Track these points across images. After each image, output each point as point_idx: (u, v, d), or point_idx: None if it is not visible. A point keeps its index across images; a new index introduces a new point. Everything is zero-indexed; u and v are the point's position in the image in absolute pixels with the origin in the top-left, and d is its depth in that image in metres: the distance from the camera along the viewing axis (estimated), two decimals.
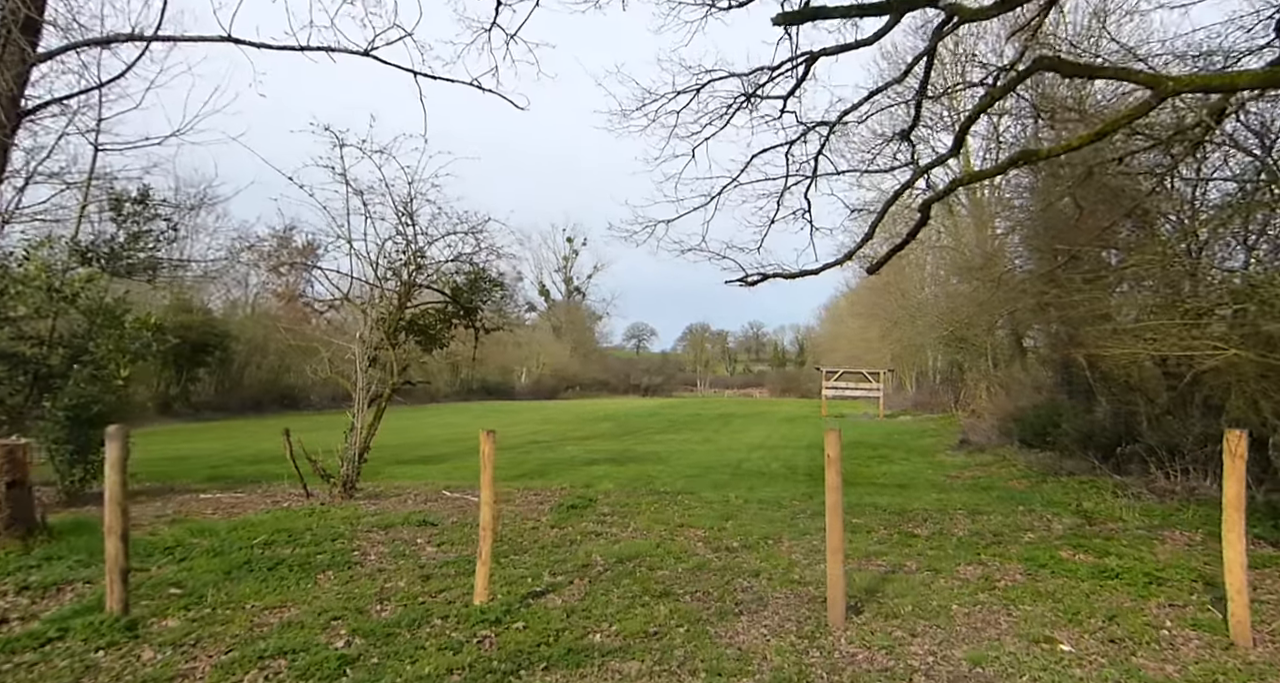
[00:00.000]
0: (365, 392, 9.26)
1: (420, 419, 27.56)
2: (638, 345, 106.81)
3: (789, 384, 78.38)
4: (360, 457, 9.11)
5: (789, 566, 6.14)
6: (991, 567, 6.02)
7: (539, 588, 5.46)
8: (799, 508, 8.88)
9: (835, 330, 68.23)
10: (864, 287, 46.12)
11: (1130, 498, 8.57)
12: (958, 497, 9.70)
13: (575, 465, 13.54)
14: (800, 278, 8.04)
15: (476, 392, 57.57)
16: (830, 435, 4.80)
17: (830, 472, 4.78)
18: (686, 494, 9.86)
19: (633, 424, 25.29)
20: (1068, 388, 13.95)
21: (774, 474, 12.19)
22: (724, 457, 14.92)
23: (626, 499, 9.39)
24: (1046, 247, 13.31)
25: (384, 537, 7.06)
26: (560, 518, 8.08)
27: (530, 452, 16.14)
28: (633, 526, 7.74)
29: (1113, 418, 11.42)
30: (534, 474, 12.24)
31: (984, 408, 22.92)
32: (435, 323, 10.49)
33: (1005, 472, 11.64)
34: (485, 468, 5.03)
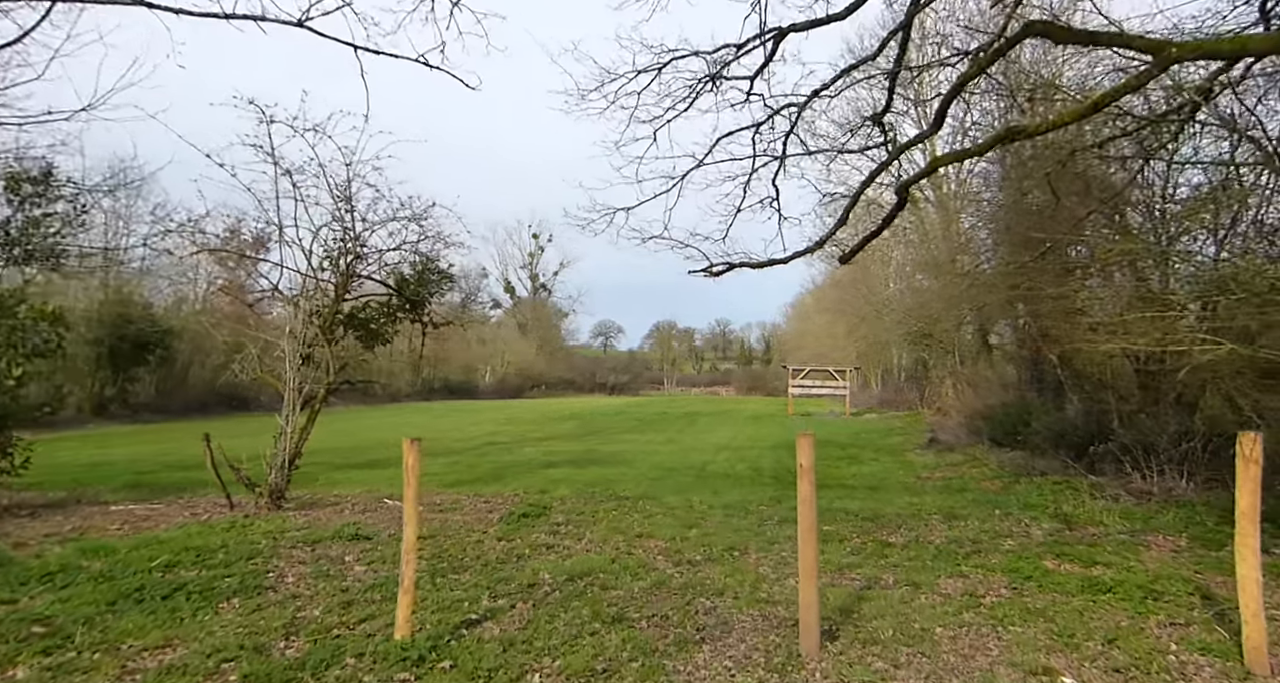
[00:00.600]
0: (297, 392, 8.49)
1: (376, 420, 26.60)
2: (605, 343, 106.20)
3: (755, 382, 78.36)
4: (290, 463, 8.35)
5: (756, 581, 5.58)
6: (974, 579, 5.52)
7: (475, 615, 4.82)
8: (766, 514, 8.35)
9: (801, 328, 68.40)
10: (830, 284, 46.08)
11: (1108, 500, 8.19)
12: (931, 499, 9.25)
13: (533, 468, 12.88)
14: (768, 268, 7.49)
15: (439, 390, 56.45)
16: (802, 440, 4.24)
17: (803, 482, 4.22)
18: (648, 499, 9.28)
19: (597, 424, 24.66)
20: (1037, 385, 13.66)
21: (740, 477, 11.66)
22: (689, 458, 14.38)
23: (583, 506, 8.77)
24: (1016, 240, 12.98)
25: (308, 554, 6.34)
26: (509, 529, 7.43)
27: (487, 454, 15.43)
28: (588, 536, 7.12)
29: (1084, 416, 11.10)
30: (488, 478, 11.55)
31: (951, 405, 22.74)
32: (378, 317, 9.76)
33: (977, 472, 11.26)
34: (409, 481, 4.36)
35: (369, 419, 26.93)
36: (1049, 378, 13.45)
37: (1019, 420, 12.91)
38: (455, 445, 17.13)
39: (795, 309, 75.83)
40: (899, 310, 26.94)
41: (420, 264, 10.06)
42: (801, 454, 4.21)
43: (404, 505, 4.38)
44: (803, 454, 4.21)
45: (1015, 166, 14.24)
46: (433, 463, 13.71)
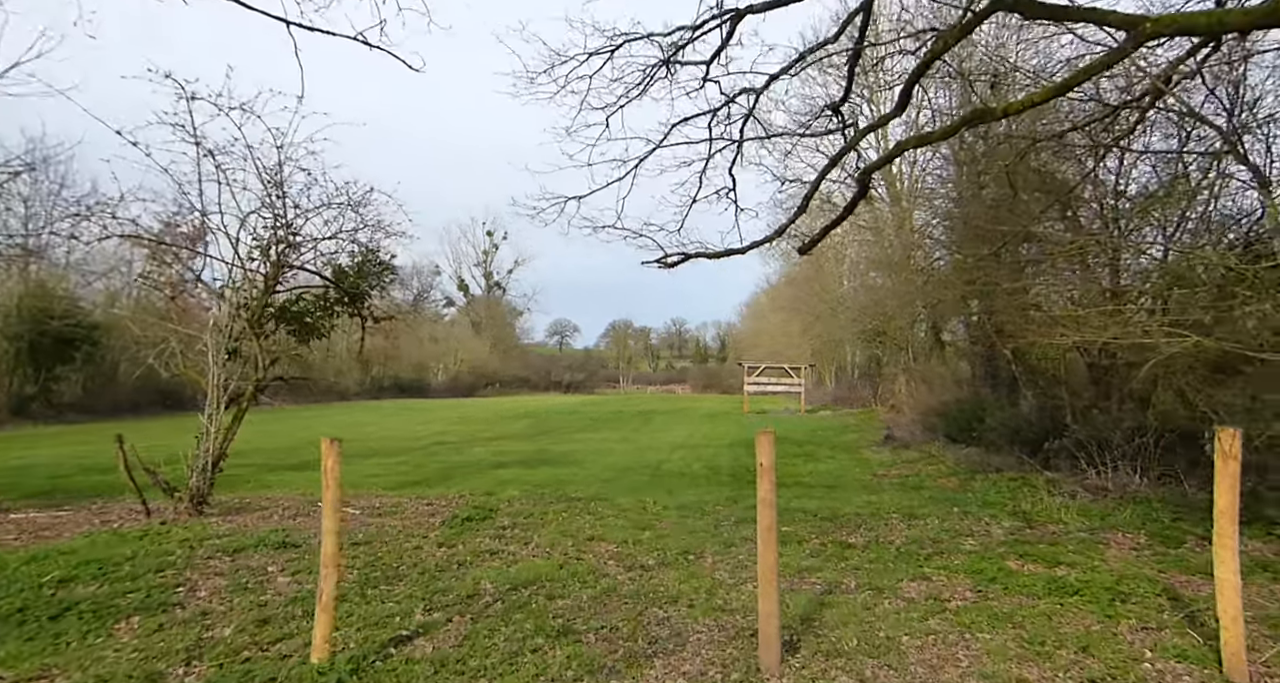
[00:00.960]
0: (222, 390, 7.90)
1: (320, 419, 25.68)
2: (560, 342, 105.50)
3: (711, 380, 78.49)
4: (214, 466, 7.76)
5: (713, 587, 5.26)
6: (937, 583, 5.28)
7: (406, 631, 4.39)
8: (723, 514, 8.05)
9: (756, 327, 68.73)
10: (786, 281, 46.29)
11: (1065, 497, 8.09)
12: (889, 498, 9.07)
13: (482, 469, 12.40)
14: (725, 257, 7.18)
15: (388, 389, 55.19)
16: (763, 439, 3.92)
17: (763, 482, 3.90)
18: (600, 501, 8.90)
19: (550, 423, 24.19)
20: (991, 382, 13.67)
21: (696, 476, 11.37)
22: (644, 457, 14.04)
23: (532, 508, 8.36)
24: (971, 236, 12.95)
25: (227, 565, 5.82)
26: (451, 534, 6.98)
27: (435, 454, 14.87)
28: (535, 541, 6.72)
29: (1038, 412, 11.08)
30: (433, 480, 11.05)
31: (905, 403, 22.85)
32: (313, 310, 9.18)
33: (934, 469, 11.15)
34: (327, 486, 3.92)
35: (312, 419, 25.98)
36: (1003, 374, 13.47)
37: (973, 417, 12.89)
38: (402, 445, 16.52)
39: (750, 308, 76.27)
40: (853, 308, 27.06)
41: (360, 254, 9.51)
42: (762, 453, 3.90)
43: (323, 515, 3.92)
44: (763, 453, 3.89)
45: (969, 162, 14.27)
46: (376, 464, 13.14)
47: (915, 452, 13.07)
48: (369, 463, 13.31)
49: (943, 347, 21.48)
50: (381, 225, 8.97)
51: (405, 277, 75.26)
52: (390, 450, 15.51)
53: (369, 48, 8.40)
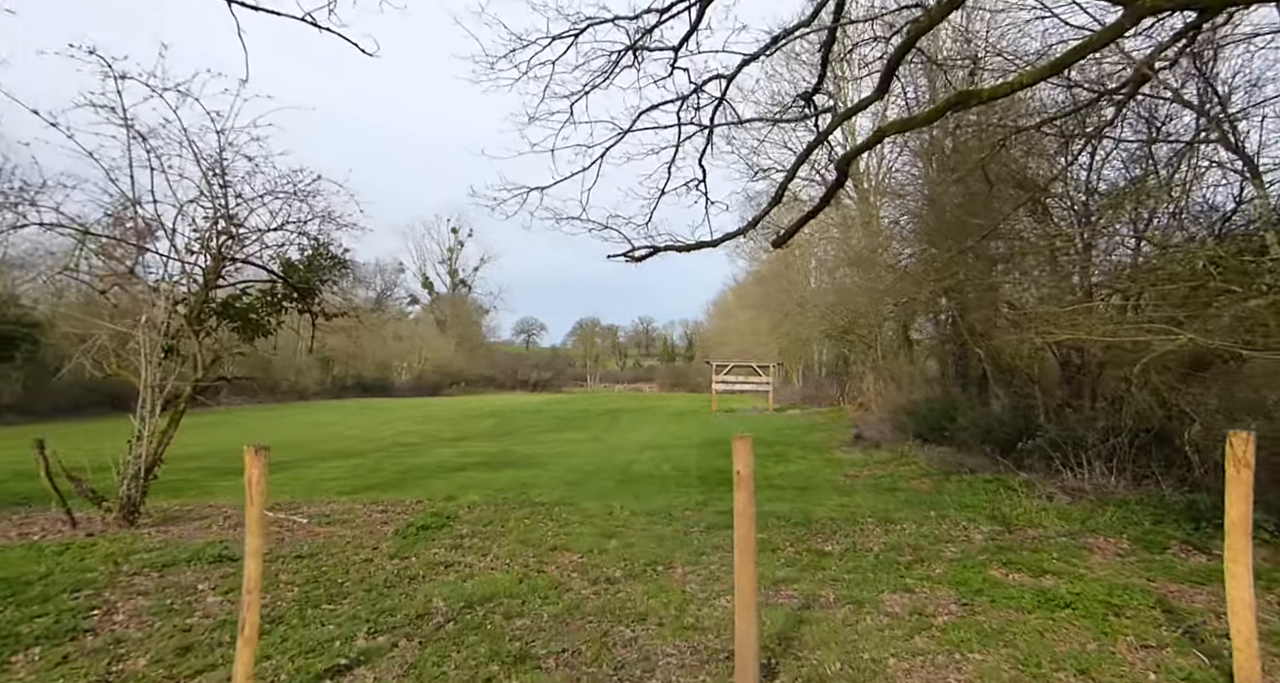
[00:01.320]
0: (158, 390, 7.35)
1: (278, 420, 24.87)
2: (527, 340, 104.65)
3: (678, 379, 78.31)
4: (148, 473, 7.21)
5: (683, 603, 4.91)
6: (921, 595, 5.00)
7: (346, 659, 3.97)
8: (692, 520, 7.71)
9: (724, 325, 68.78)
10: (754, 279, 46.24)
11: (1043, 499, 7.90)
12: (863, 500, 8.82)
13: (442, 472, 11.92)
14: (696, 250, 6.84)
15: (351, 388, 54.12)
16: (740, 444, 3.59)
17: (740, 492, 3.58)
18: (564, 506, 8.51)
19: (516, 422, 23.69)
20: (962, 380, 13.56)
21: (664, 478, 11.02)
22: (611, 458, 13.67)
23: (493, 515, 7.94)
24: (944, 233, 12.81)
25: (154, 583, 5.32)
26: (405, 544, 6.54)
27: (394, 456, 14.33)
28: (495, 551, 6.31)
29: (1011, 412, 10.94)
30: (390, 484, 10.55)
31: (872, 401, 22.79)
32: (259, 306, 8.65)
33: (906, 470, 10.95)
34: (251, 500, 3.47)
35: (271, 420, 25.17)
36: (974, 373, 13.36)
37: (944, 416, 12.74)
38: (362, 446, 15.93)
39: (717, 306, 76.34)
40: (821, 305, 26.97)
41: (311, 248, 9.00)
42: (739, 460, 3.56)
43: (248, 533, 3.48)
44: (740, 460, 3.56)
45: (938, 156, 14.13)
46: (332, 467, 12.58)
47: (887, 452, 12.88)
48: (325, 466, 12.75)
49: (911, 345, 21.45)
50: (332, 216, 8.46)
51: (368, 274, 74.08)
52: (349, 452, 14.94)
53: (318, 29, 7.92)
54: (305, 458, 13.84)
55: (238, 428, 21.17)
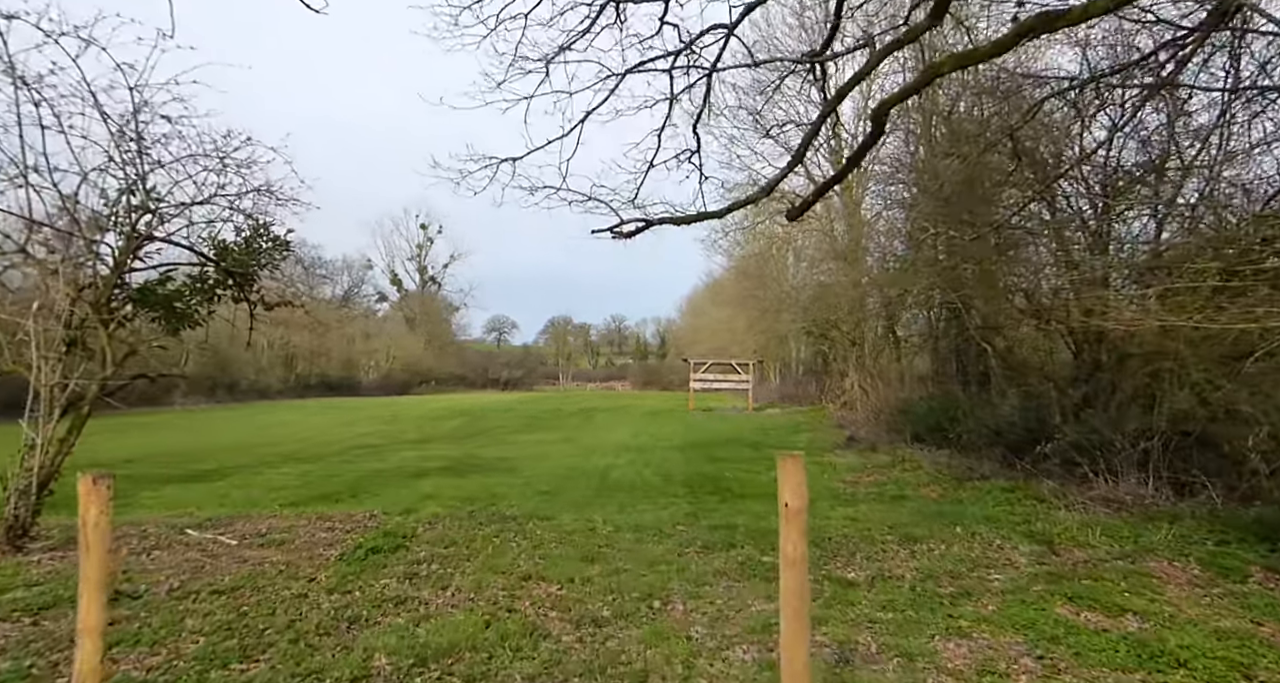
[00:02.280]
0: (58, 390, 6.20)
1: (234, 421, 23.46)
2: (499, 338, 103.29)
3: (651, 377, 77.66)
4: (42, 489, 6.06)
5: (690, 655, 3.94)
6: (980, 642, 4.08)
7: None
8: (685, 536, 6.75)
9: (697, 323, 68.28)
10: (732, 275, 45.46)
11: (1078, 511, 7.08)
12: (872, 512, 7.93)
13: (402, 479, 10.84)
14: (697, 222, 5.89)
15: (315, 387, 52.35)
16: (789, 466, 2.64)
17: (789, 530, 2.63)
18: (538, 520, 7.49)
19: (485, 423, 22.56)
20: (962, 378, 12.77)
21: (648, 486, 10.06)
22: (588, 462, 12.67)
23: (456, 532, 6.91)
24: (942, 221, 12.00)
25: (20, 634, 4.22)
26: (349, 572, 5.49)
27: (352, 460, 13.19)
28: (456, 582, 5.30)
29: (1022, 412, 10.14)
30: (344, 494, 9.46)
31: (858, 399, 22.05)
32: (186, 293, 7.50)
33: (911, 477, 10.11)
34: (87, 548, 2.43)
35: (226, 420, 23.76)
36: (974, 370, 12.58)
37: (945, 417, 11.94)
38: (319, 449, 14.74)
39: (691, 303, 75.83)
40: (803, 301, 26.19)
41: (252, 227, 7.88)
42: (787, 487, 2.61)
43: (80, 602, 2.44)
44: (789, 487, 2.61)
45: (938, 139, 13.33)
46: (283, 474, 11.43)
47: (884, 455, 12.05)
48: (274, 473, 11.58)
49: (897, 342, 20.71)
50: (270, 190, 7.34)
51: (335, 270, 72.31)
52: (303, 455, 13.76)
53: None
54: (253, 463, 12.64)
55: (185, 430, 19.79)
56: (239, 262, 7.78)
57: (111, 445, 15.34)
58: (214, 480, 10.77)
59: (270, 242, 8.02)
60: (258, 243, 7.95)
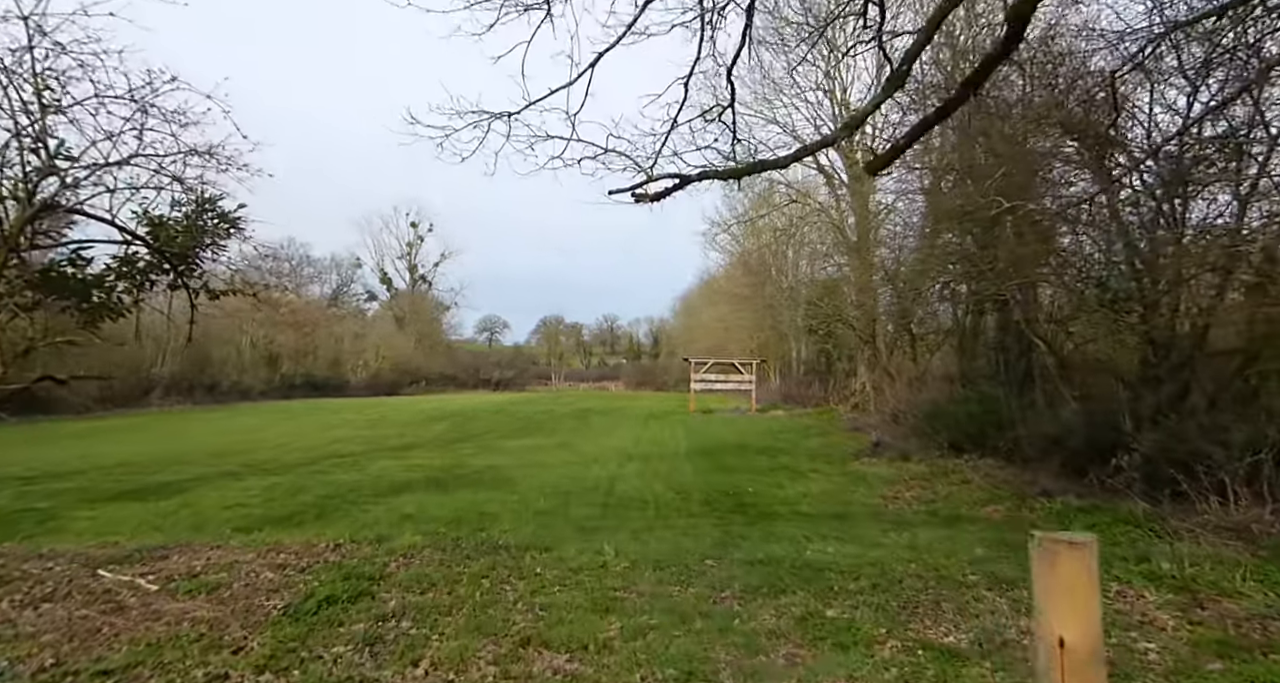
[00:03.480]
0: None
1: (207, 424, 22.04)
2: (490, 338, 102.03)
3: (645, 377, 76.55)
4: None
5: None
6: None
7: None
8: (719, 576, 5.48)
9: (691, 322, 67.32)
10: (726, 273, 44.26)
11: (1189, 541, 5.84)
12: (933, 539, 6.69)
13: (379, 495, 9.54)
14: (748, 176, 4.60)
15: (300, 388, 50.76)
16: (1066, 560, 1.33)
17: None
18: (537, 552, 6.21)
19: (475, 425, 21.22)
20: (1004, 377, 11.54)
21: (660, 504, 8.79)
22: (589, 473, 11.38)
23: (436, 570, 5.62)
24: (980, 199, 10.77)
25: None
26: (290, 636, 4.20)
27: (325, 471, 11.85)
28: (433, 651, 4.01)
29: (1084, 417, 8.91)
30: (307, 515, 8.17)
31: (871, 401, 20.85)
32: (109, 278, 6.19)
33: (961, 493, 8.87)
34: None
35: (197, 423, 22.33)
36: (1017, 368, 11.35)
37: (987, 422, 10.72)
38: (289, 458, 13.39)
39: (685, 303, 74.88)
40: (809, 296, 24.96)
41: (196, 201, 6.57)
42: (1069, 609, 1.31)
43: None
44: (1076, 611, 1.30)
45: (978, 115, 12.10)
46: (244, 489, 10.11)
47: (920, 465, 10.81)
48: (235, 487, 10.25)
49: (913, 339, 19.49)
50: (212, 152, 6.02)
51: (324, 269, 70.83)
52: (273, 465, 12.41)
53: None
54: (214, 475, 11.30)
55: (154, 435, 18.38)
56: (177, 241, 6.46)
57: (64, 454, 13.97)
58: (164, 497, 9.43)
59: (215, 217, 6.72)
60: (202, 220, 6.64)
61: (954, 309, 15.24)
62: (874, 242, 19.26)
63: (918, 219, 18.23)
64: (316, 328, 56.38)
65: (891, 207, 20.80)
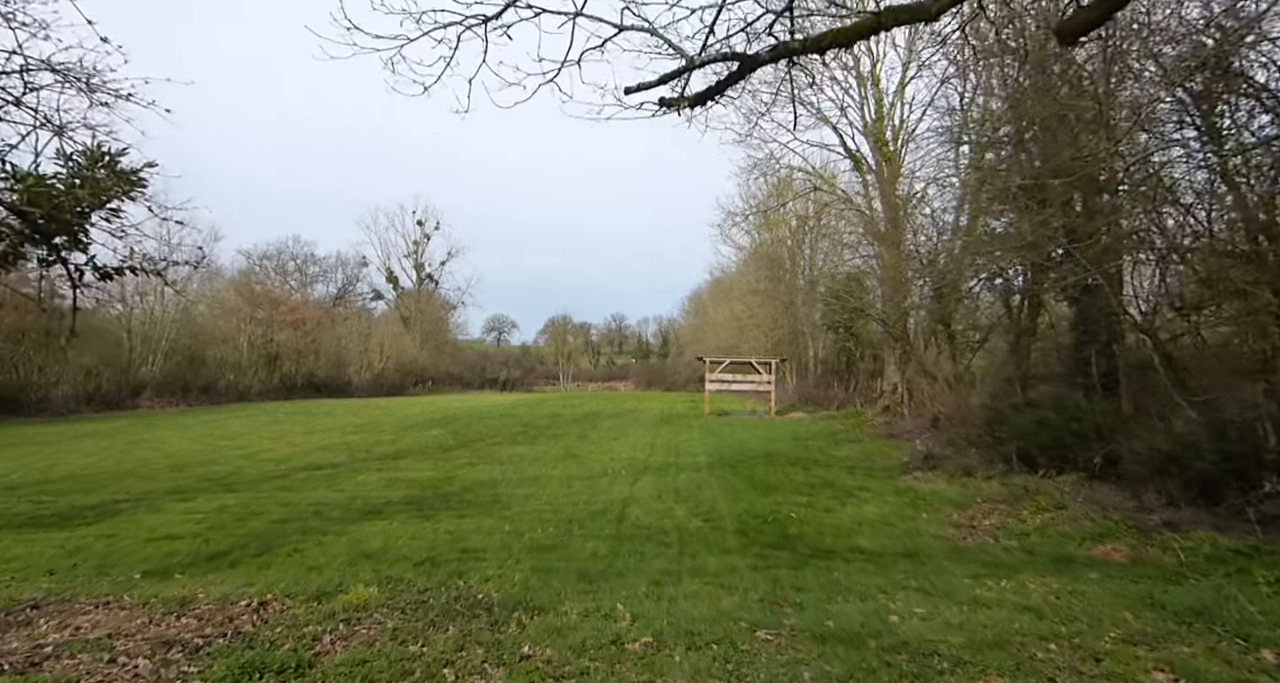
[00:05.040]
0: None
1: (183, 428, 20.49)
2: (498, 338, 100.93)
3: (654, 377, 75.23)
4: None
5: None
6: None
7: None
8: (781, 663, 3.85)
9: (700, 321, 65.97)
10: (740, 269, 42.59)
11: None
12: (1045, 591, 5.04)
13: (345, 520, 7.94)
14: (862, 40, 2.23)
15: (301, 388, 49.38)
16: None
17: None
18: (527, 614, 4.60)
19: (474, 430, 19.61)
20: (1083, 379, 9.84)
21: (687, 535, 7.13)
22: (596, 492, 9.73)
23: (389, 648, 4.02)
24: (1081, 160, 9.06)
25: None
26: None
27: (292, 488, 10.24)
28: None
29: (1209, 430, 7.20)
30: (245, 550, 6.57)
31: (904, 404, 19.16)
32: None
33: (1056, 522, 7.17)
34: None
35: (179, 428, 20.77)
36: (1097, 369, 9.65)
37: (1068, 433, 9.03)
38: (255, 472, 11.76)
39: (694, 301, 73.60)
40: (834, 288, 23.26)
41: (89, 153, 5.01)
42: None
43: None
44: None
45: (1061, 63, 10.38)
46: (186, 511, 8.52)
47: (990, 482, 9.12)
48: (179, 509, 8.66)
49: (951, 335, 17.76)
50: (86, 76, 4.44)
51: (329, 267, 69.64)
52: (234, 480, 10.82)
53: None
54: (161, 492, 9.73)
55: (118, 441, 16.83)
56: (67, 201, 4.89)
57: (9, 464, 12.45)
58: (88, 523, 7.87)
59: (106, 172, 5.13)
60: (89, 173, 5.07)
61: (1006, 300, 13.54)
62: (913, 227, 17.55)
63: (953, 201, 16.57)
64: (319, 327, 55.05)
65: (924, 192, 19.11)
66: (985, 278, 13.12)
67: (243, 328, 44.34)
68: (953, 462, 10.41)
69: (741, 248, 41.86)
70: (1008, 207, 12.09)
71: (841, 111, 21.56)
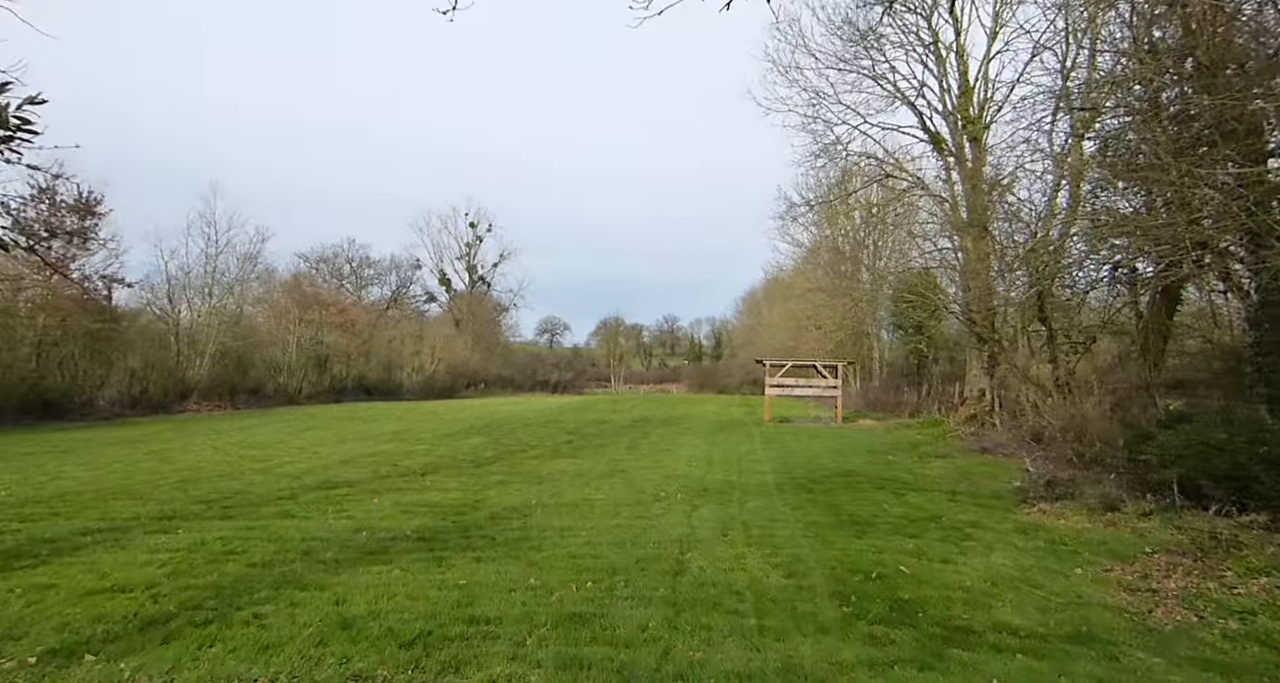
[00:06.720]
0: None
1: (211, 435, 19.52)
2: (550, 340, 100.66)
3: (706, 379, 73.48)
4: None
5: None
6: None
7: None
8: None
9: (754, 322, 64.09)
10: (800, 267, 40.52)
11: None
12: None
13: (337, 564, 6.43)
14: None
15: (351, 391, 49.03)
16: None
17: None
18: None
19: (513, 439, 18.13)
20: (1264, 390, 7.74)
21: (766, 600, 5.37)
22: (645, 525, 8.02)
23: None
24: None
25: None
26: None
27: (293, 513, 8.80)
28: None
29: None
30: (196, 613, 5.08)
31: (997, 415, 17.00)
32: None
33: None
34: None
35: (201, 434, 19.84)
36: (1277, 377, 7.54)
37: (1258, 459, 6.98)
38: (264, 490, 10.40)
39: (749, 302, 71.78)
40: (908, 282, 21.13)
41: None
42: None
43: None
44: None
45: None
46: (156, 545, 7.12)
47: (1151, 522, 7.10)
48: (147, 546, 7.26)
49: (1052, 336, 15.53)
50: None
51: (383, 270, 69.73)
52: (235, 502, 9.47)
53: None
54: (142, 519, 8.42)
55: (138, 450, 15.83)
56: None
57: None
58: (31, 565, 6.52)
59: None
60: None
61: (1133, 293, 11.39)
62: (1007, 213, 15.40)
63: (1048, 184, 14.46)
64: (370, 329, 54.82)
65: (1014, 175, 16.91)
66: (1110, 268, 11.03)
67: (292, 330, 44.05)
68: (1087, 491, 8.38)
69: (800, 245, 39.75)
70: (1141, 180, 10.00)
71: (919, 89, 19.48)
